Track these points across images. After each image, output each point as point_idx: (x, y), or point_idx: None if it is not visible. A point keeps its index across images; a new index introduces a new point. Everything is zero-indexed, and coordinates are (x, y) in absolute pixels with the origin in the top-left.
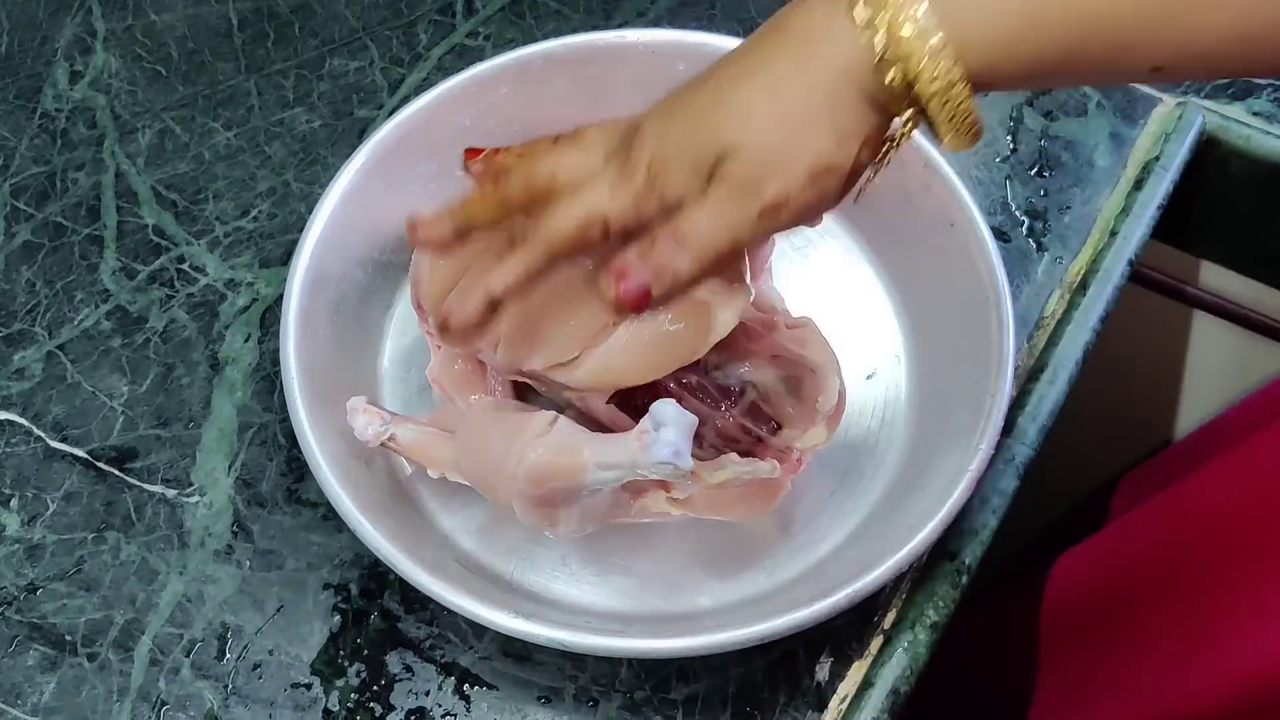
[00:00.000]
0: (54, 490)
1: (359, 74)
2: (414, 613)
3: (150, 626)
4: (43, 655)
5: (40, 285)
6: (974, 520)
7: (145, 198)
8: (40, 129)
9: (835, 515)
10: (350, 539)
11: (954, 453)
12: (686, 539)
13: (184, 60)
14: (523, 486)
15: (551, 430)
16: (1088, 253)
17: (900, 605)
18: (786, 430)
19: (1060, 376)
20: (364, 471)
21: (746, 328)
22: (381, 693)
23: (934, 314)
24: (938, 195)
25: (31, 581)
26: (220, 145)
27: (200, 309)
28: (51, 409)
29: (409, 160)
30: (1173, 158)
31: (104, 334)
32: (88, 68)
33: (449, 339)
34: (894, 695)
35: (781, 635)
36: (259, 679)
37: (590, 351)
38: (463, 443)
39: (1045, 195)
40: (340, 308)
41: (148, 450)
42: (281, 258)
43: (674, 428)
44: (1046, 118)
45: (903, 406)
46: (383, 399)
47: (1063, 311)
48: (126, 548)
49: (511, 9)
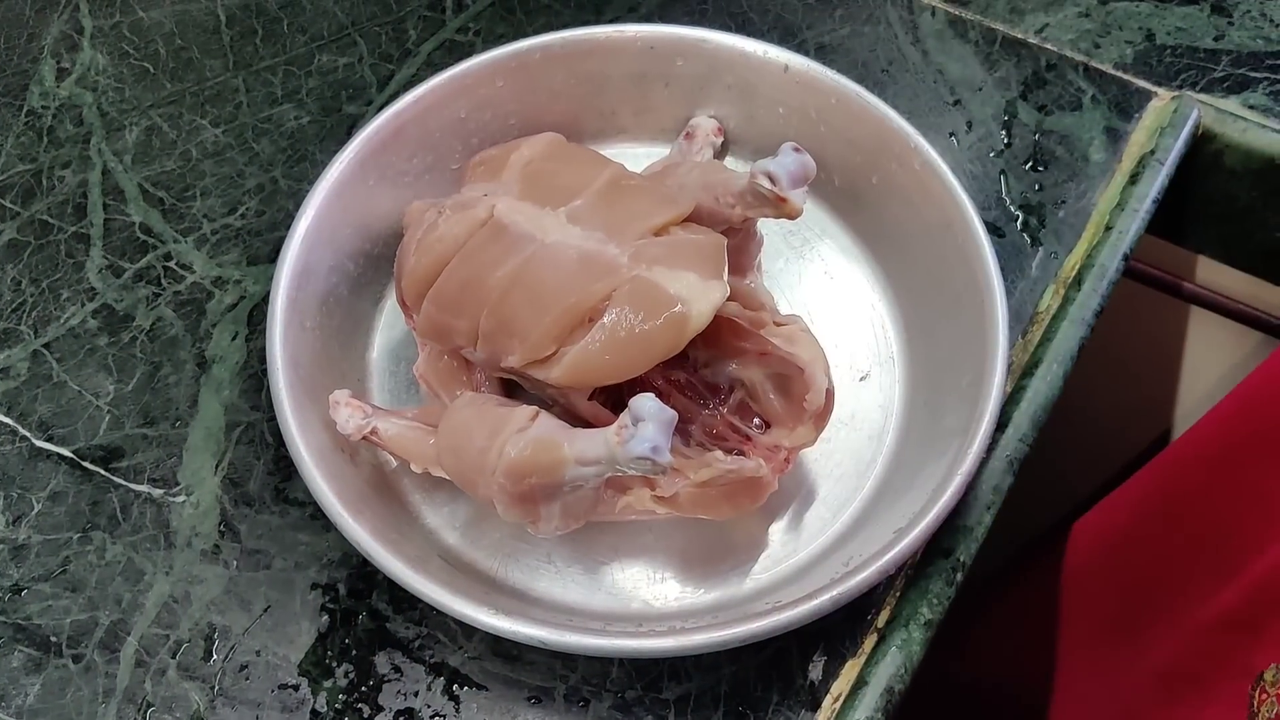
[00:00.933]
0: (39, 490)
1: (348, 70)
2: (403, 613)
3: (136, 627)
4: (27, 657)
5: (26, 283)
6: (968, 517)
7: (132, 195)
8: (26, 126)
9: (825, 514)
10: (338, 538)
11: (947, 451)
12: (673, 538)
13: (171, 57)
14: (502, 482)
15: (531, 426)
16: (1083, 247)
17: (894, 603)
18: (774, 429)
19: (1055, 372)
20: (348, 465)
21: (735, 325)
22: (370, 693)
23: (928, 313)
24: (935, 195)
25: (16, 582)
26: (208, 142)
27: (187, 307)
28: (37, 408)
29: (404, 152)
30: (1168, 152)
31: (90, 332)
32: (75, 65)
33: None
34: (888, 694)
35: (773, 634)
36: (246, 680)
37: (566, 349)
38: (443, 438)
39: (1040, 190)
40: (329, 300)
41: (134, 449)
42: (269, 255)
43: (653, 423)
44: (1040, 112)
45: (895, 404)
46: (371, 392)
47: (1057, 306)
48: (112, 548)
49: (502, 4)
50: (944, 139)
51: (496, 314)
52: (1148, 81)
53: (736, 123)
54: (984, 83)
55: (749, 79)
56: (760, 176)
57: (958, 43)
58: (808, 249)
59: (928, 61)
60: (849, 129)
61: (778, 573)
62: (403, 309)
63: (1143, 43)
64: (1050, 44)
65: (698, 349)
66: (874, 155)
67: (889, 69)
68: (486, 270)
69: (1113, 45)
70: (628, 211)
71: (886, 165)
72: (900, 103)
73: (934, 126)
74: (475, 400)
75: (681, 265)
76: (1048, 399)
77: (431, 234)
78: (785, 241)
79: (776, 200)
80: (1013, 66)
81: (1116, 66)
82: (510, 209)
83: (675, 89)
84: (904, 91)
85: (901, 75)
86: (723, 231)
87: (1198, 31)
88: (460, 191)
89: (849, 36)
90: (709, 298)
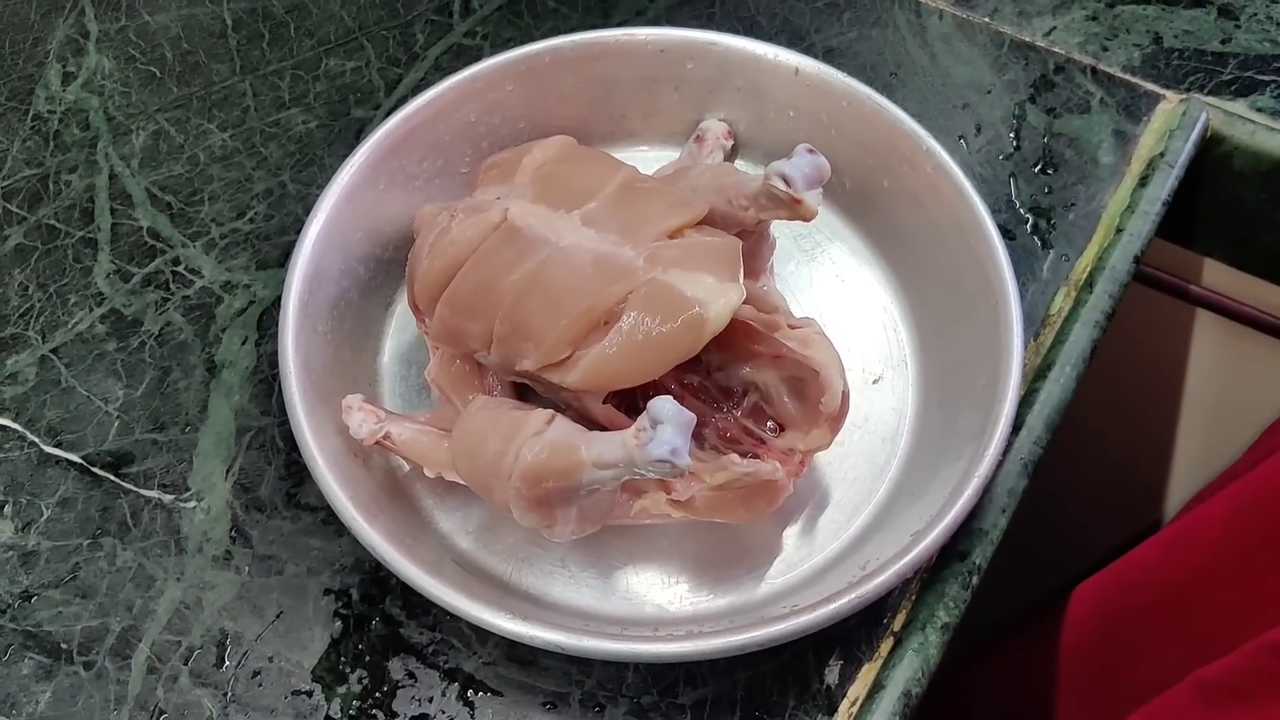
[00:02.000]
0: (48, 496)
1: (355, 74)
2: (416, 618)
3: (148, 634)
4: (38, 664)
5: (33, 289)
6: (984, 520)
7: (140, 200)
8: (33, 131)
9: (840, 518)
10: (351, 543)
11: (962, 454)
12: (688, 542)
13: (178, 61)
14: (519, 487)
15: (548, 429)
16: (1093, 250)
17: (910, 606)
18: (789, 432)
19: (1068, 374)
20: (361, 470)
21: (749, 328)
22: (384, 700)
23: (941, 315)
24: (946, 197)
25: (26, 589)
26: (215, 146)
27: (196, 312)
28: (45, 414)
29: (414, 156)
30: (1177, 154)
31: (98, 337)
32: (80, 69)
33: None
34: (905, 697)
35: (789, 639)
36: (259, 686)
37: (582, 353)
38: (458, 442)
39: (1049, 193)
40: (340, 304)
41: (144, 455)
42: (278, 259)
43: (671, 425)
44: (1050, 115)
45: (909, 407)
46: (382, 397)
47: (1069, 309)
48: (123, 554)
49: (509, 8)
50: (953, 142)
51: (511, 317)
52: (1156, 84)
53: (746, 126)
54: (992, 86)
55: (759, 82)
56: (775, 178)
57: (965, 46)
58: (819, 252)
59: (936, 65)
60: (860, 132)
61: (793, 577)
62: (415, 313)
63: (1150, 45)
64: (1058, 47)
65: (711, 352)
66: (885, 158)
67: (897, 72)
68: (501, 274)
69: (1120, 48)
70: (642, 214)
71: (898, 168)
72: (909, 106)
73: (943, 130)
74: (490, 404)
75: (697, 268)
76: (1061, 401)
77: (444, 238)
78: (796, 245)
79: (791, 202)
80: (1021, 69)
81: (1124, 69)
82: (524, 212)
83: (685, 92)
84: (912, 95)
85: (910, 79)
86: (736, 234)
87: (1205, 34)
88: (473, 195)
89: (856, 40)
90: (726, 300)
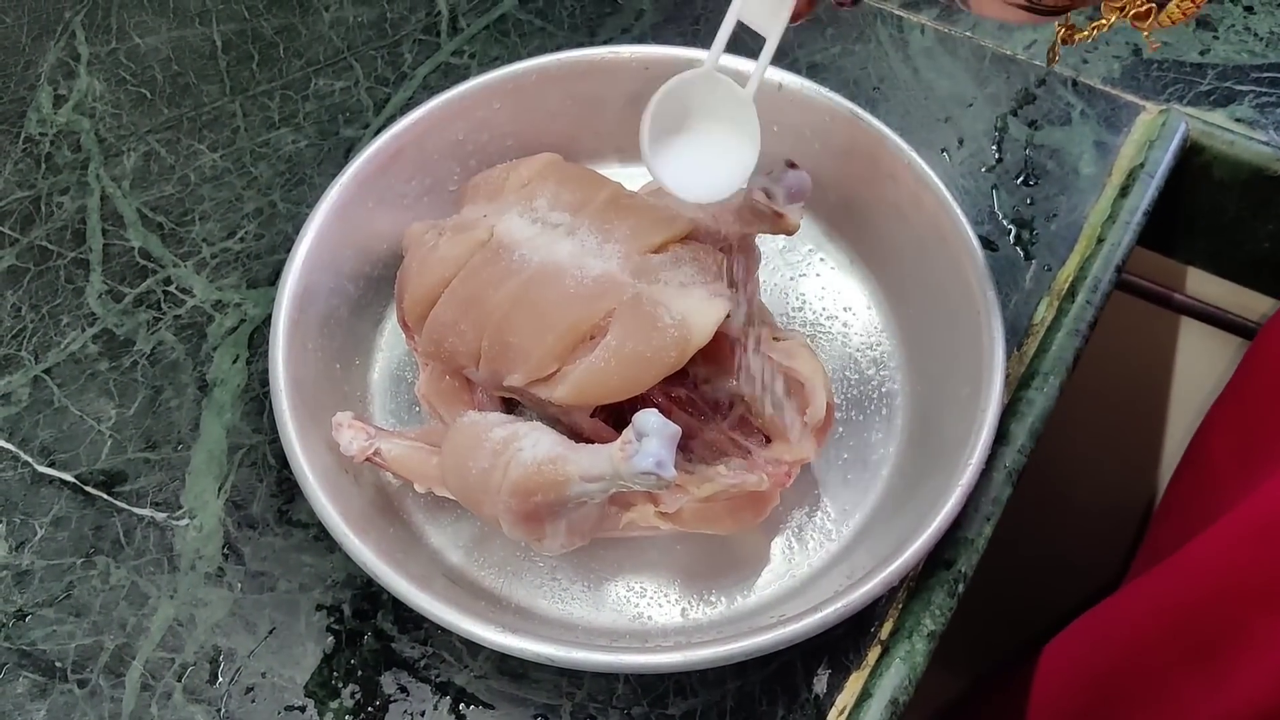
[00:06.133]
0: (42, 515)
1: (344, 94)
2: (408, 633)
3: (141, 651)
4: (32, 683)
5: (26, 310)
6: (969, 529)
7: (131, 220)
8: (24, 153)
9: (827, 527)
10: (342, 560)
11: (946, 464)
12: (676, 553)
13: (168, 83)
14: (508, 501)
15: (536, 444)
16: (1075, 260)
17: (897, 615)
18: (775, 443)
19: (1051, 383)
20: (352, 486)
21: (735, 341)
22: (376, 714)
23: (925, 326)
24: (928, 209)
25: (20, 608)
26: (206, 167)
27: (188, 331)
28: (38, 433)
29: (403, 175)
30: (1157, 164)
31: (91, 357)
32: (72, 91)
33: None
34: (893, 705)
35: (778, 648)
36: (252, 702)
37: (569, 368)
38: (448, 458)
39: (1031, 204)
40: (330, 321)
41: (136, 473)
42: (269, 278)
43: (656, 438)
44: (1031, 127)
45: (895, 419)
46: (373, 413)
47: (1052, 319)
48: (116, 572)
49: (496, 27)
50: (936, 155)
51: (498, 334)
52: (1135, 96)
53: None
54: (974, 99)
55: None
56: (758, 193)
57: (948, 60)
58: (804, 265)
59: (918, 79)
60: (843, 146)
61: (781, 586)
62: (404, 330)
63: (1129, 57)
64: (1039, 60)
65: (698, 365)
66: (868, 172)
67: (880, 87)
68: (488, 290)
69: (1100, 60)
70: (627, 229)
71: (881, 181)
72: (892, 120)
73: (926, 143)
74: (478, 419)
75: (682, 282)
76: (1044, 410)
77: (433, 255)
78: (782, 257)
79: (774, 216)
80: (1002, 83)
81: (1105, 81)
82: (510, 229)
83: None
84: (895, 109)
85: (893, 93)
86: (721, 248)
87: (1183, 46)
88: (460, 212)
89: (840, 55)
90: (711, 314)
